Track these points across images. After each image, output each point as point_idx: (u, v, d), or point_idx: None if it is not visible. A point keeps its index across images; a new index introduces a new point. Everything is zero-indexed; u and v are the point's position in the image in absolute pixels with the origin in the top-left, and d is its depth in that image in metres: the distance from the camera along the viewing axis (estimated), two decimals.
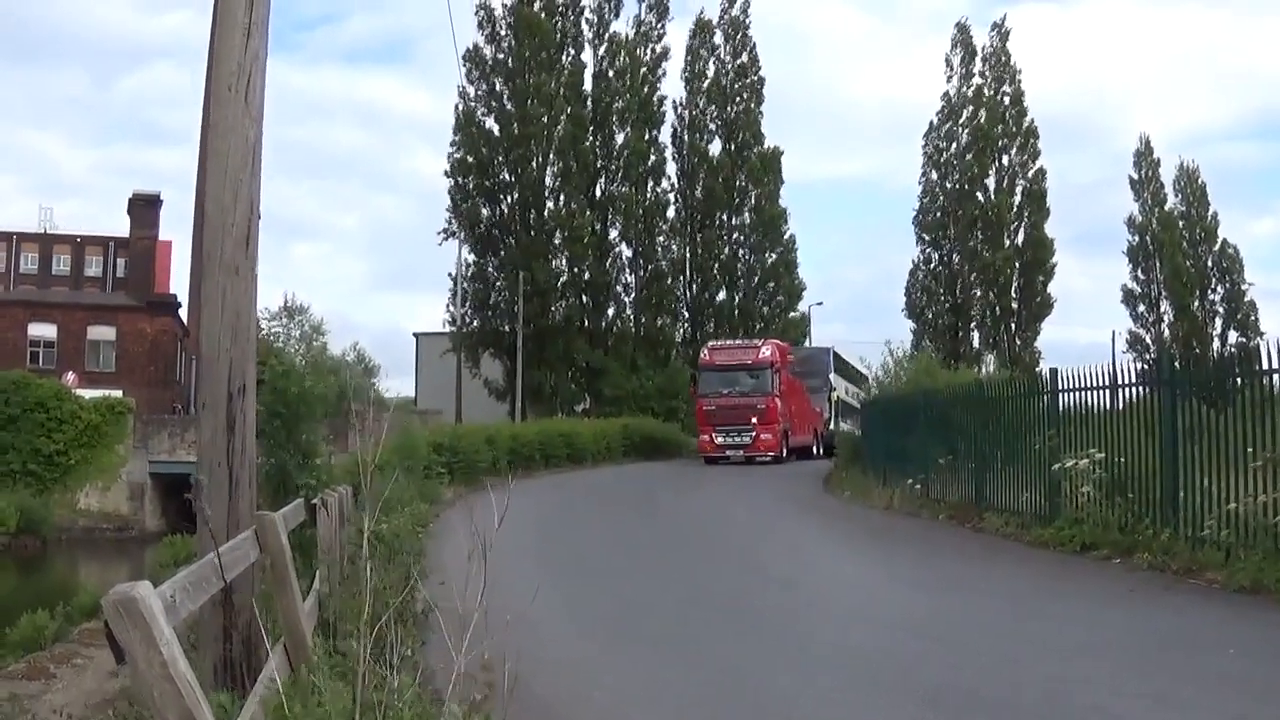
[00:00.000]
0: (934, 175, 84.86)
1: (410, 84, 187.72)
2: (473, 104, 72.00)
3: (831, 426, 58.38)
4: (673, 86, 77.18)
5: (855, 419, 61.95)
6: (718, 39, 79.85)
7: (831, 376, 60.70)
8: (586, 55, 74.71)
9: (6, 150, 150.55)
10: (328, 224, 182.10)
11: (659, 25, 75.95)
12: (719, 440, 48.25)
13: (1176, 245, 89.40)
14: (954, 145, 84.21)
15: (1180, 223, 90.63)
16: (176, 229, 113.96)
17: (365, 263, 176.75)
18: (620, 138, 74.06)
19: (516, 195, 71.45)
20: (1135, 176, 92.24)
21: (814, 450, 54.58)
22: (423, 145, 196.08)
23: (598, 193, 74.02)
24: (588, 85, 74.33)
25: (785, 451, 49.05)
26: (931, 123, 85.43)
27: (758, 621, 12.99)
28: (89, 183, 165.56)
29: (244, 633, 7.76)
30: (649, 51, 75.12)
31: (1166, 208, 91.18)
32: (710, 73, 79.07)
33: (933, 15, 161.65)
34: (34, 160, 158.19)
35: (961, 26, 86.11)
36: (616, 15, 75.08)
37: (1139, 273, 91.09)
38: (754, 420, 47.77)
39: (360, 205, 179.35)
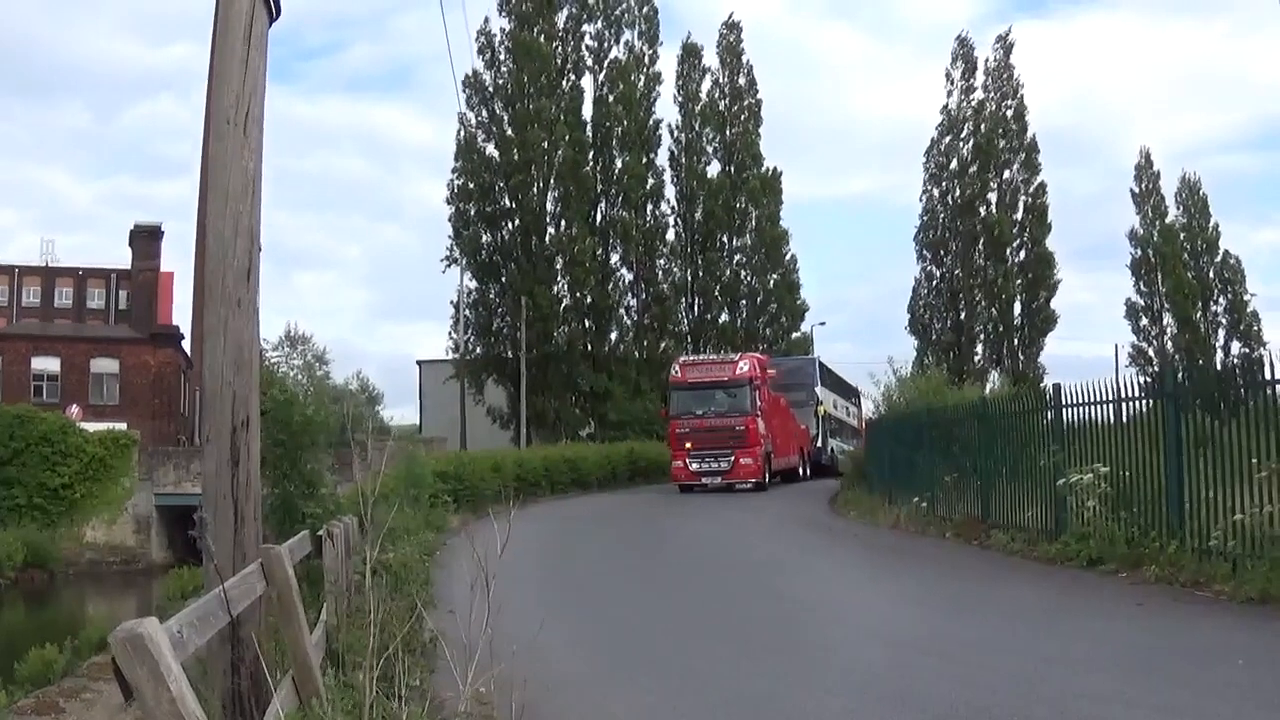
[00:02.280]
0: (935, 191, 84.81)
1: (412, 112, 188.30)
2: (473, 130, 72.17)
3: (819, 444, 55.96)
4: (668, 110, 77.34)
5: (845, 435, 60.25)
6: (711, 63, 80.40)
7: (818, 389, 57.25)
8: (586, 80, 74.93)
9: (11, 185, 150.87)
10: (332, 253, 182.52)
11: (650, 50, 76.12)
12: (694, 467, 43.83)
13: (1178, 258, 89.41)
14: (954, 160, 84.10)
15: (1181, 235, 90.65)
16: (179, 260, 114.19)
17: (369, 291, 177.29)
18: (620, 162, 74.03)
19: (517, 221, 71.44)
20: (1136, 190, 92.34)
21: (800, 472, 51.25)
22: (426, 173, 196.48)
23: (598, 217, 74.02)
24: (587, 110, 74.34)
25: (768, 476, 44.82)
26: (933, 139, 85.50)
27: (766, 642, 12.95)
28: (93, 215, 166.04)
29: (252, 666, 7.76)
30: (642, 76, 75.14)
31: (1168, 220, 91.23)
32: (703, 96, 79.46)
33: (932, 34, 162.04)
34: (38, 194, 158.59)
35: (963, 40, 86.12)
36: (616, 41, 75.18)
37: (1141, 285, 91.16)
38: (732, 444, 43.50)
39: (364, 234, 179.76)
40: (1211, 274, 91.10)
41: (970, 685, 10.16)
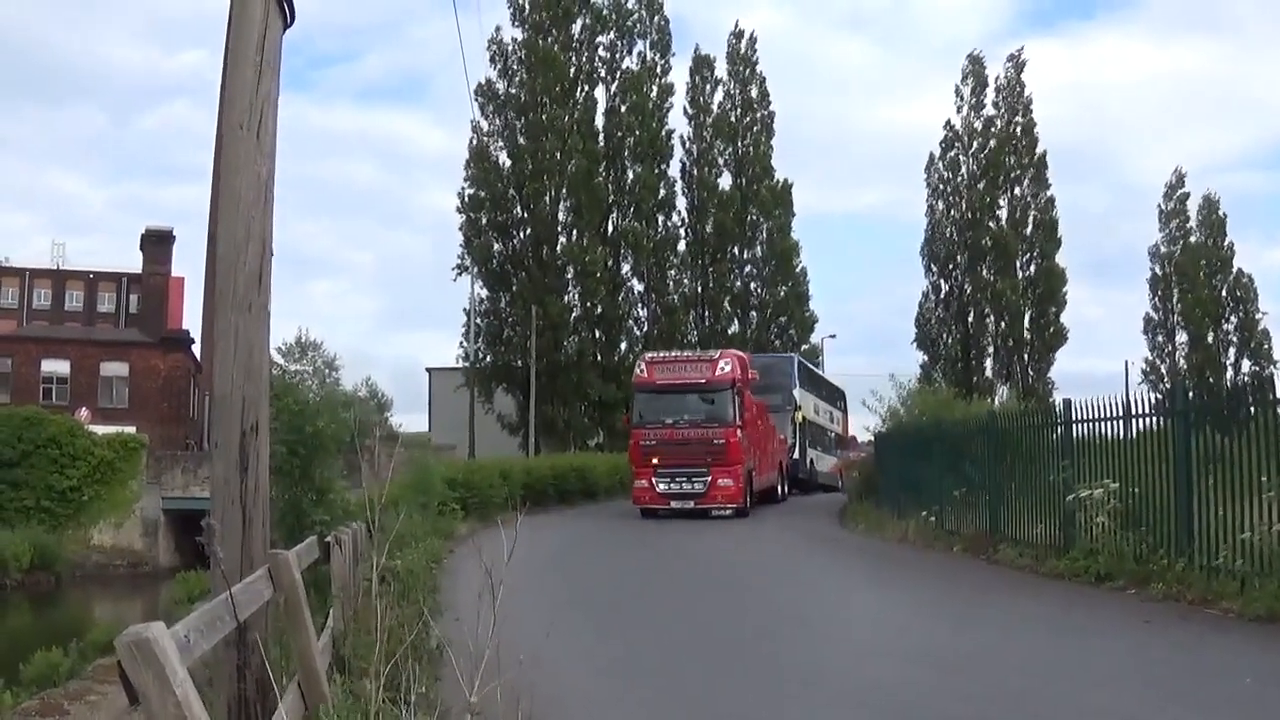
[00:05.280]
0: (940, 205, 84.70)
1: (425, 120, 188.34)
2: (485, 139, 72.21)
3: (796, 455, 49.65)
4: (679, 120, 77.39)
5: (826, 444, 56.59)
6: (721, 73, 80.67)
7: (796, 392, 50.59)
8: (599, 91, 74.99)
9: (24, 189, 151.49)
10: (345, 261, 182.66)
11: (663, 60, 76.31)
12: (662, 487, 36.31)
13: (1198, 276, 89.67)
14: (962, 174, 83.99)
15: (1201, 253, 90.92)
16: (191, 265, 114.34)
17: (381, 298, 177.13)
18: (632, 173, 74.15)
19: (529, 230, 71.50)
20: (1164, 207, 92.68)
21: (779, 491, 44.30)
22: (438, 181, 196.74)
23: (610, 228, 74.02)
24: (600, 121, 74.42)
25: (749, 500, 37.35)
26: (932, 154, 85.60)
27: (772, 655, 12.91)
28: (105, 219, 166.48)
29: (258, 672, 7.74)
30: (654, 87, 75.25)
31: (1191, 240, 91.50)
32: (714, 106, 79.70)
33: (944, 50, 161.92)
34: (53, 198, 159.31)
35: (974, 58, 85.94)
36: (629, 51, 75.42)
37: (1157, 301, 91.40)
38: (709, 460, 35.98)
39: (377, 242, 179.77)
40: (1224, 292, 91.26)
41: (973, 700, 10.14)
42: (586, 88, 73.87)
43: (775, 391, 46.52)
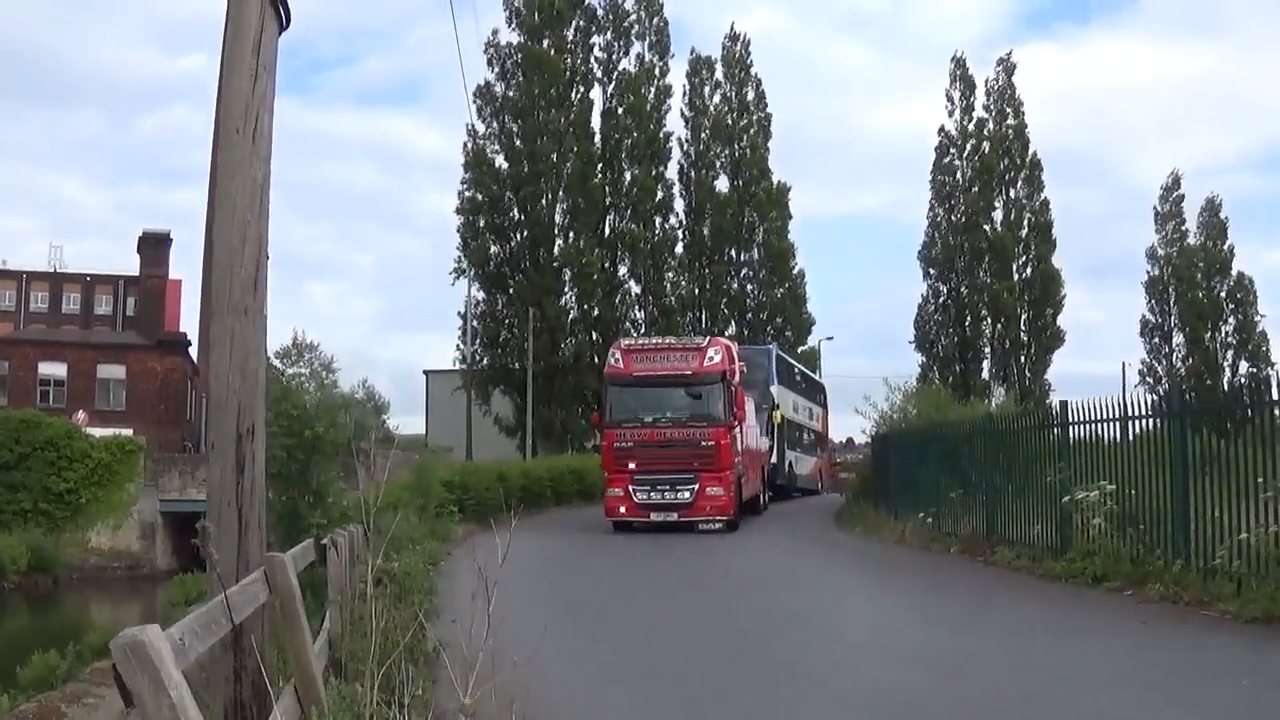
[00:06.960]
0: (941, 210, 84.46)
1: (423, 123, 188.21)
2: (482, 141, 71.96)
3: (775, 459, 44.63)
4: (677, 122, 77.23)
5: (804, 445, 53.40)
6: (719, 75, 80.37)
7: (774, 389, 45.28)
8: (595, 93, 74.66)
9: (23, 191, 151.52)
10: (345, 263, 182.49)
11: (661, 62, 76.08)
12: (640, 497, 31.66)
13: (1194, 279, 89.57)
14: (958, 177, 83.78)
15: (1199, 256, 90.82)
16: (189, 267, 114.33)
17: (379, 301, 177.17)
18: (629, 175, 73.98)
19: (526, 233, 71.30)
20: (1160, 209, 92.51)
21: (760, 500, 39.25)
22: (437, 184, 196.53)
23: (607, 230, 73.86)
24: (596, 122, 74.21)
25: (738, 510, 32.79)
26: (934, 159, 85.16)
27: (769, 657, 12.90)
28: (104, 222, 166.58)
29: (254, 674, 7.74)
30: (652, 89, 75.03)
31: (1189, 242, 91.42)
32: (712, 108, 79.43)
33: (942, 52, 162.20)
34: (51, 201, 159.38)
35: (959, 61, 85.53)
36: (626, 53, 75.12)
37: (1153, 303, 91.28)
38: (696, 465, 31.32)
39: (375, 244, 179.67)
40: (1224, 294, 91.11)
41: (971, 702, 10.14)
42: (582, 89, 73.59)
43: (751, 387, 39.67)
